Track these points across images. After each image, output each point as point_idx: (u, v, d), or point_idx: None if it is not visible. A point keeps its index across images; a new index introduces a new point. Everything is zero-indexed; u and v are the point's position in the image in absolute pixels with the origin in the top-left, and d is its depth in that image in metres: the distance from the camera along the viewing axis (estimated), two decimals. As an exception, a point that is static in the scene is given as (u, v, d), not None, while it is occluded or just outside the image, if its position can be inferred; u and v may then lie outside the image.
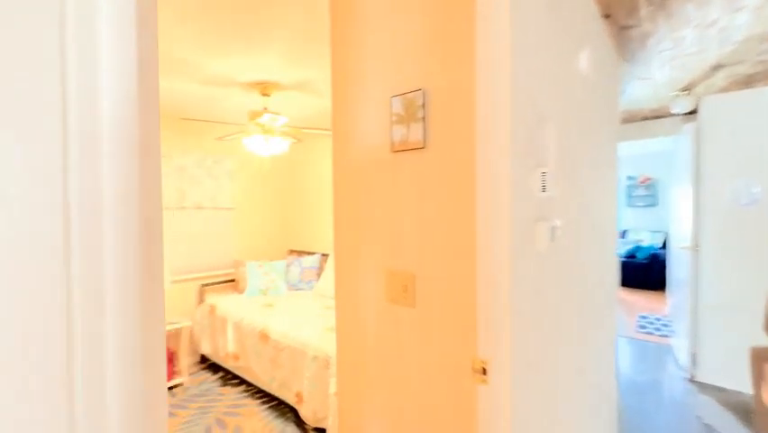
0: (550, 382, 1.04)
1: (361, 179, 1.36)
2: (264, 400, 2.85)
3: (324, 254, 3.97)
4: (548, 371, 1.03)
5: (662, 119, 3.60)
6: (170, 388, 3.07)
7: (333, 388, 2.21)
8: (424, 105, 1.14)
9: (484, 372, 0.86)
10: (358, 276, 1.39)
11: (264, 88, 2.62)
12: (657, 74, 2.56)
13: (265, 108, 2.61)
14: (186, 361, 3.46)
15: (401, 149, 1.21)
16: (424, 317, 1.17)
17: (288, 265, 3.94)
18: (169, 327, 3.08)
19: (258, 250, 4.12)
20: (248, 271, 3.68)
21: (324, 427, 2.33)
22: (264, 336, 2.76)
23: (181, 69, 2.35)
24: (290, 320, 2.85)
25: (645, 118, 3.68)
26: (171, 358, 3.19)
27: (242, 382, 3.13)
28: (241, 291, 3.71)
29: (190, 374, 3.33)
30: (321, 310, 3.08)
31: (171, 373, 3.13)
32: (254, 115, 2.60)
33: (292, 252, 4.36)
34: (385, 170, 1.27)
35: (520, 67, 0.94)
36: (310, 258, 3.93)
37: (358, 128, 1.36)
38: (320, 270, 3.96)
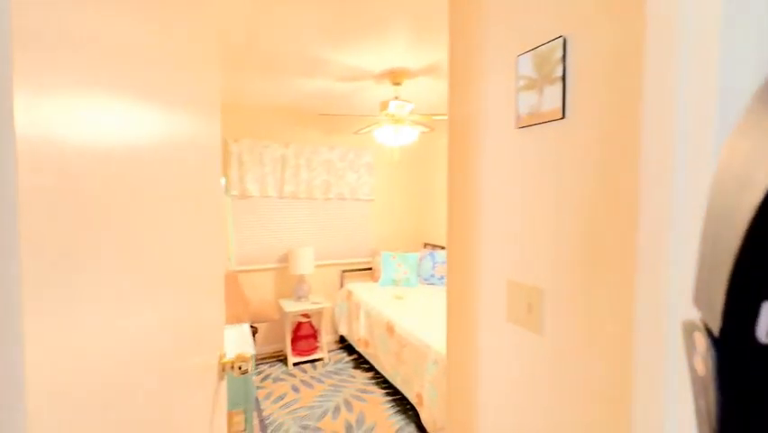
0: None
1: (478, 165, 1.10)
2: (389, 391, 2.86)
3: (457, 250, 3.74)
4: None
5: None
6: (313, 361, 3.40)
7: (453, 399, 2.01)
8: (564, 58, 0.82)
9: (644, 468, 0.53)
10: (473, 284, 1.15)
11: (395, 77, 2.56)
12: None
13: (396, 97, 2.54)
14: (326, 338, 3.79)
15: (529, 123, 0.91)
16: (553, 350, 0.86)
17: (420, 258, 3.88)
18: (313, 307, 3.41)
19: (394, 241, 4.19)
20: (382, 261, 3.78)
21: (443, 437, 2.15)
22: (390, 329, 2.74)
23: (319, 67, 2.48)
24: (416, 316, 2.76)
25: None
26: (315, 334, 3.53)
27: (372, 368, 3.22)
28: (375, 280, 3.84)
29: (329, 351, 3.63)
30: (449, 310, 2.89)
31: (314, 348, 3.47)
32: (384, 106, 2.56)
33: (427, 245, 4.28)
34: (507, 153, 0.99)
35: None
36: (444, 253, 3.77)
37: (474, 103, 1.10)
38: (453, 266, 3.75)
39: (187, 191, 0.75)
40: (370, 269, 4.02)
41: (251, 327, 3.18)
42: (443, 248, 3.96)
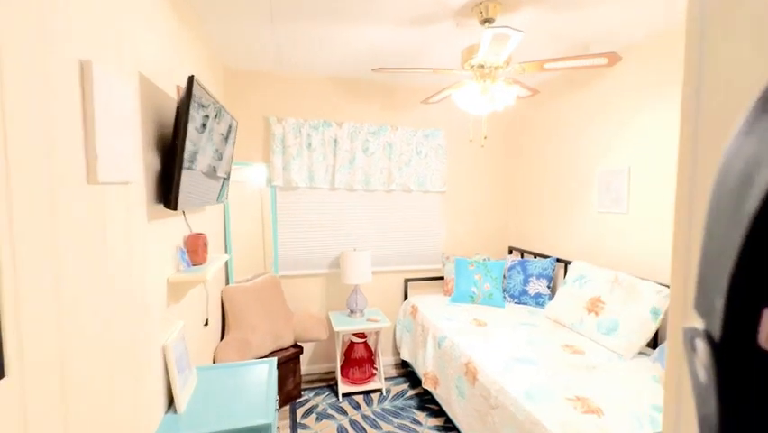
0: None
1: None
2: (467, 456, 2.08)
3: (560, 260, 2.79)
4: None
5: None
6: (368, 392, 2.74)
7: None
8: None
9: None
10: None
11: (485, 10, 1.72)
12: None
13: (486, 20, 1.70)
14: (384, 361, 3.12)
15: None
16: None
17: (507, 268, 3.00)
18: (369, 326, 2.74)
19: (472, 244, 3.35)
20: (455, 270, 2.97)
21: None
22: (470, 373, 1.95)
23: (371, 3, 1.74)
24: (509, 357, 1.93)
25: None
26: (371, 358, 2.86)
27: (442, 411, 2.46)
28: (447, 293, 3.05)
29: (387, 378, 2.94)
30: (560, 351, 2.00)
31: (370, 376, 2.81)
32: (471, 53, 1.75)
33: (513, 250, 3.37)
34: None
35: None
36: (539, 263, 2.84)
37: None
38: (554, 282, 2.81)
39: None
40: (440, 278, 3.24)
41: (295, 346, 2.61)
42: (537, 256, 3.02)
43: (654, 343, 2.03)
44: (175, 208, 1.22)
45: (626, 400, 1.53)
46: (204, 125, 1.47)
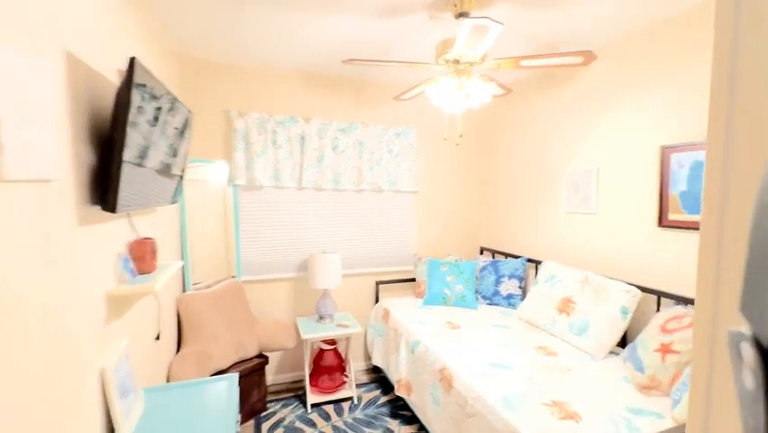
0: None
1: None
2: (442, 465, 2.01)
3: (531, 260, 2.80)
4: None
5: None
6: (338, 401, 2.62)
7: None
8: None
9: None
10: None
11: (460, 3, 1.66)
12: None
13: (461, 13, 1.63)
14: (355, 366, 3.01)
15: None
16: None
17: (479, 269, 2.97)
18: (339, 332, 2.62)
19: (444, 245, 3.30)
20: (428, 271, 2.91)
21: None
22: (446, 380, 1.89)
23: (345, -12, 1.63)
24: (485, 364, 1.88)
25: None
26: (341, 366, 2.74)
27: (416, 418, 2.39)
28: (419, 295, 2.98)
29: (359, 385, 2.83)
30: (534, 353, 1.98)
31: (340, 384, 2.69)
32: (445, 48, 1.67)
33: (485, 250, 3.36)
34: None
35: None
36: (510, 263, 2.84)
37: None
38: (525, 282, 2.81)
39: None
40: (412, 280, 3.17)
41: (260, 355, 2.45)
42: (508, 256, 3.02)
43: (623, 342, 2.06)
44: (113, 210, 1.06)
45: (601, 404, 1.52)
46: (156, 118, 1.30)
